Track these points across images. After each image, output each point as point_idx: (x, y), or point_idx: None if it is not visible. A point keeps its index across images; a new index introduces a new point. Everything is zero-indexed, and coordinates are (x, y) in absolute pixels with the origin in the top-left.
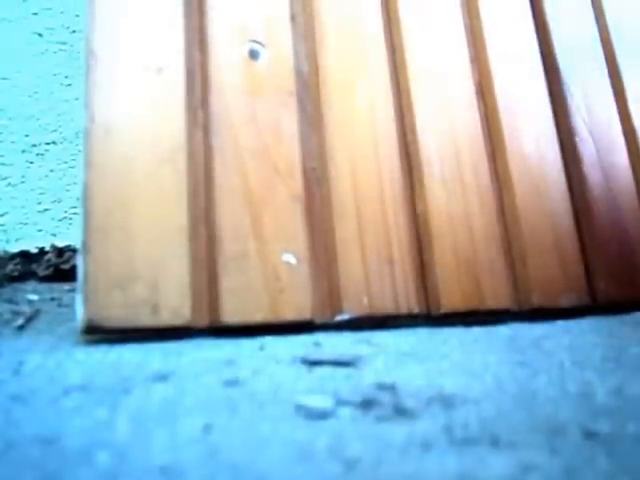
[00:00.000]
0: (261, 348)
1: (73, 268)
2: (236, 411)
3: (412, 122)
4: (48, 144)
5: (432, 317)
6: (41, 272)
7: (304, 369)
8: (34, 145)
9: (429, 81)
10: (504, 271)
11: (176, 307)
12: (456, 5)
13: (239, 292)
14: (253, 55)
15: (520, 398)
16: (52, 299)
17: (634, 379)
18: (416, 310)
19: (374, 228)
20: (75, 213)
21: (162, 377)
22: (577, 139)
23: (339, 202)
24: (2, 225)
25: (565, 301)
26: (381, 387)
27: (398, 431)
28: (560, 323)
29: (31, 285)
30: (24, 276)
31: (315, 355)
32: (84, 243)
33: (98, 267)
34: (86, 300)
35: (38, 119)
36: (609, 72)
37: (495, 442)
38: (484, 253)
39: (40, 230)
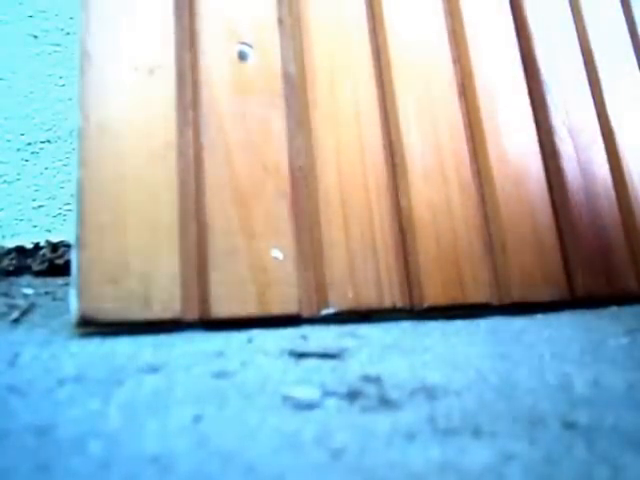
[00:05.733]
0: (249, 341)
1: (67, 263)
2: (225, 402)
3: (396, 121)
4: (43, 143)
5: (415, 311)
6: (36, 267)
7: (291, 361)
8: (29, 144)
9: (413, 81)
10: (485, 266)
11: (167, 301)
12: (439, 8)
13: (228, 286)
14: (242, 56)
15: (501, 389)
16: (47, 293)
17: (611, 371)
18: (400, 304)
19: (359, 224)
20: (69, 209)
21: (153, 369)
22: (556, 138)
23: (325, 199)
24: None
25: (544, 295)
26: (366, 379)
27: (383, 421)
28: (539, 317)
29: (26, 279)
30: (19, 270)
31: (302, 348)
32: (78, 239)
33: (91, 262)
34: (80, 294)
35: (33, 118)
36: (587, 72)
37: (477, 432)
38: (466, 249)
39: (35, 226)
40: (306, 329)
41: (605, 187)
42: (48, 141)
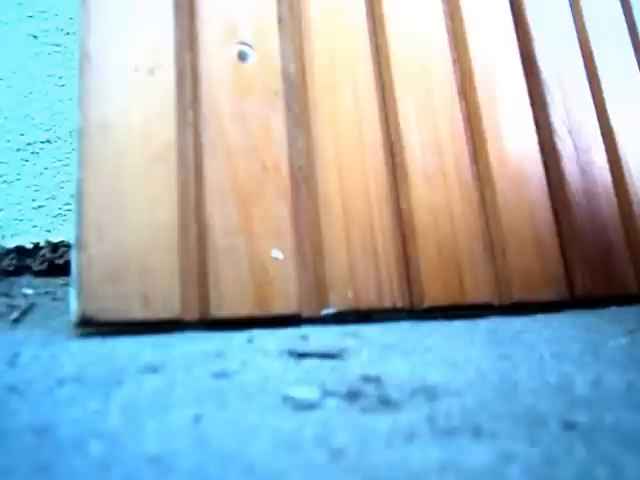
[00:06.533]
0: (249, 341)
1: (67, 263)
2: (225, 402)
3: (396, 121)
4: (43, 143)
5: (415, 311)
6: (36, 267)
7: (291, 361)
8: (29, 144)
9: (413, 82)
10: (485, 266)
11: (167, 301)
12: (438, 8)
13: (228, 286)
14: (242, 57)
15: (501, 389)
16: (47, 293)
17: (611, 371)
18: (400, 304)
19: (359, 224)
20: (69, 210)
21: (153, 369)
22: (556, 138)
23: (325, 199)
24: None
25: (545, 295)
26: (366, 379)
27: (383, 421)
28: (540, 317)
29: (26, 279)
30: (19, 271)
31: (302, 348)
32: (78, 239)
33: (91, 262)
34: (79, 294)
35: (33, 118)
36: (587, 72)
37: (477, 432)
38: (466, 249)
39: (35, 226)
40: (306, 329)
41: (605, 187)
42: (48, 141)
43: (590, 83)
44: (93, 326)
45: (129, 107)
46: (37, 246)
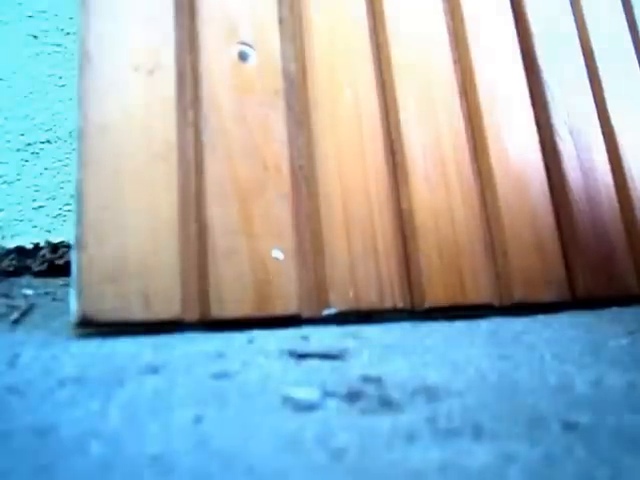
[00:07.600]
0: (250, 341)
1: (67, 263)
2: (226, 402)
3: (397, 121)
4: (43, 143)
5: (416, 311)
6: (36, 267)
7: (292, 362)
8: (29, 144)
9: (414, 81)
10: (486, 267)
11: (167, 301)
12: (439, 7)
13: (229, 286)
14: (242, 57)
15: (502, 390)
16: (47, 293)
17: (612, 372)
18: (401, 304)
19: (360, 225)
20: (69, 210)
21: (154, 369)
22: (557, 138)
23: (326, 199)
24: None
25: (546, 296)
26: (367, 379)
27: (383, 422)
28: (541, 318)
29: (26, 280)
30: (19, 271)
31: (303, 348)
32: (78, 239)
33: (91, 262)
34: (79, 295)
35: (33, 119)
36: (588, 73)
37: (477, 433)
38: (467, 249)
39: (35, 226)
40: (307, 329)
41: (606, 187)
42: (48, 141)
43: (591, 82)
44: (93, 327)
45: (129, 107)
46: (37, 246)
